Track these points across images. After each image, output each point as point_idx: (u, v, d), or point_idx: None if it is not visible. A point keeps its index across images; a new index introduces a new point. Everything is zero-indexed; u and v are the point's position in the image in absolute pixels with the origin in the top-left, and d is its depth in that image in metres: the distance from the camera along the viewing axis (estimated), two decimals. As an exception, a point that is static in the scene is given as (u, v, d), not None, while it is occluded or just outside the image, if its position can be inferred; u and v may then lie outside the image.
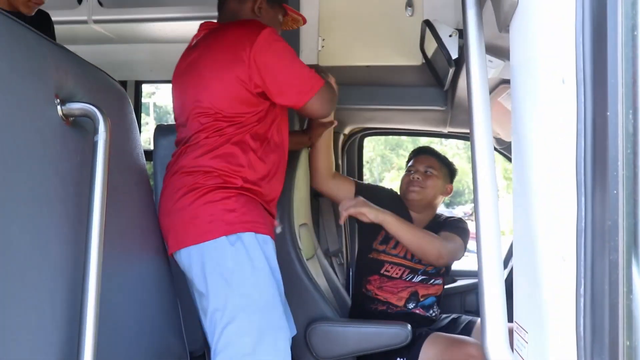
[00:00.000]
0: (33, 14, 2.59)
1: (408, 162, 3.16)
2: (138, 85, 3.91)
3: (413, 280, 2.91)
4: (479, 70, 1.19)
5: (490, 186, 1.09)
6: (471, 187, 1.17)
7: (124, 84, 3.87)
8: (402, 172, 3.14)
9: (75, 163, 1.51)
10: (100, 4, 3.31)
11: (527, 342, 1.04)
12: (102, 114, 1.47)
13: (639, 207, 0.68)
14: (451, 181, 3.11)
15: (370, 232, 2.97)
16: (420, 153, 3.12)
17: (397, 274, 2.90)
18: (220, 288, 1.86)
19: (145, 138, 6.66)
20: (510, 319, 1.09)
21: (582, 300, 0.76)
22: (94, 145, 1.46)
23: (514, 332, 1.15)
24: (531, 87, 1.06)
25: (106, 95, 1.75)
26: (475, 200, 1.11)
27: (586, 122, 0.76)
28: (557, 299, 0.85)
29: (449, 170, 3.08)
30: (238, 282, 1.87)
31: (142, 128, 6.64)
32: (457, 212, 16.81)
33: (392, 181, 28.04)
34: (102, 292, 1.33)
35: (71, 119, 1.50)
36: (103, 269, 1.35)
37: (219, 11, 2.31)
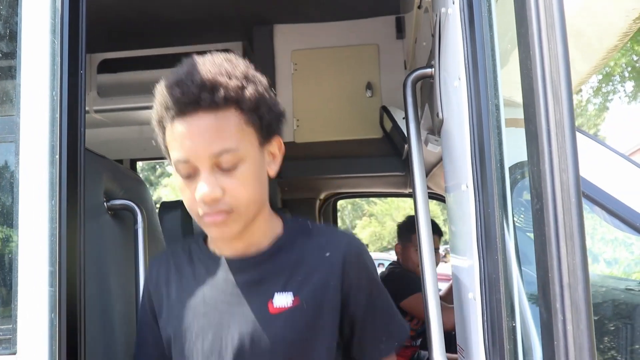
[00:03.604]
0: None
1: (413, 232, 3.47)
2: (133, 163, 4.38)
3: (413, 345, 3.42)
4: (418, 159, 1.70)
5: (428, 233, 1.62)
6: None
7: (120, 162, 4.32)
8: (373, 219, 3.60)
9: (120, 243, 1.96)
10: (99, 94, 3.79)
11: (464, 357, 1.51)
12: (139, 208, 1.93)
13: (508, 270, 1.17)
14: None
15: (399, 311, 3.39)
16: None
17: (409, 343, 3.39)
18: None
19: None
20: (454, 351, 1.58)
21: (486, 325, 1.24)
22: (135, 232, 1.92)
23: (458, 351, 1.62)
24: (452, 180, 1.55)
25: (132, 187, 2.21)
26: (419, 245, 1.63)
27: (479, 217, 1.25)
28: (476, 327, 1.32)
29: (439, 237, 3.54)
30: None
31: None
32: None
33: (364, 228, 28.65)
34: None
35: (112, 212, 1.95)
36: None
37: None
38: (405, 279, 3.39)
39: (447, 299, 3.35)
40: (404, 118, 2.92)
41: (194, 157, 1.16)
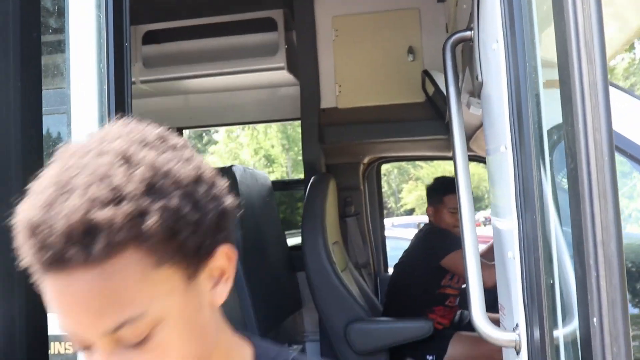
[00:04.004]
0: None
1: (444, 194, 3.43)
2: (180, 131, 4.47)
3: (456, 303, 3.44)
4: (458, 122, 1.71)
5: (467, 195, 1.62)
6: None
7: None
8: (419, 183, 3.56)
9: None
10: (144, 65, 3.87)
11: (505, 315, 1.54)
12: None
13: (546, 229, 1.18)
14: None
15: (440, 271, 3.36)
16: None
17: (453, 302, 3.41)
18: None
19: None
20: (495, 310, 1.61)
21: (525, 283, 1.26)
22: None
23: (499, 310, 1.65)
24: (492, 142, 1.56)
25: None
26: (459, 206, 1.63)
27: (518, 178, 1.26)
28: (515, 285, 1.34)
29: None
30: None
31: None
32: (478, 216, 17.13)
33: (410, 192, 28.47)
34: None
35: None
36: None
37: None
38: (443, 236, 3.39)
39: (487, 256, 3.36)
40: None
41: (81, 332, 0.71)
